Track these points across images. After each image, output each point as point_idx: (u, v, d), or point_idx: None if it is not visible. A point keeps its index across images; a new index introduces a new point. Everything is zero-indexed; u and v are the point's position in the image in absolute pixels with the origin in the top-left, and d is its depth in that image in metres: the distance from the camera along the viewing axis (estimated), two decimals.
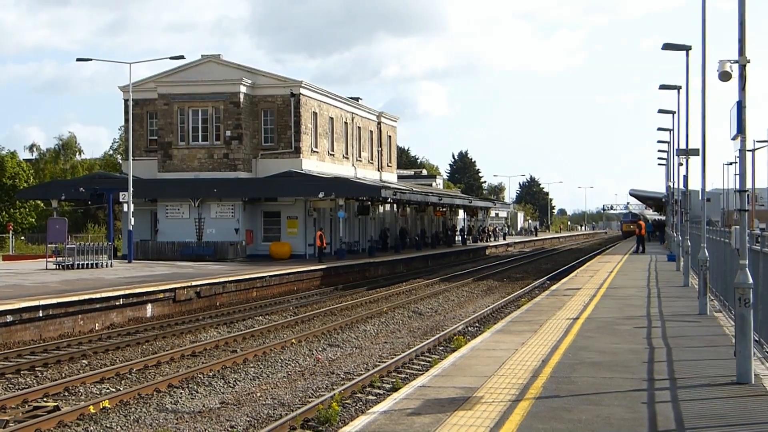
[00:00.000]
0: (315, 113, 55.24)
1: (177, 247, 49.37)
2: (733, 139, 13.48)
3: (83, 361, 21.29)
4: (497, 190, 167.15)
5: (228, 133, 51.17)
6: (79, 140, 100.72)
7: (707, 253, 22.69)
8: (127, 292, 28.85)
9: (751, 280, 13.05)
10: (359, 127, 64.30)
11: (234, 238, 49.78)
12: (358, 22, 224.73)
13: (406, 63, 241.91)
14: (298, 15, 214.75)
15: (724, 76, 13.55)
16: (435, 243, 74.92)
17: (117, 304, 28.10)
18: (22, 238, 74.25)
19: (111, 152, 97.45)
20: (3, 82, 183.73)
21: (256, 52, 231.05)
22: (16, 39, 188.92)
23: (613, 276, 35.02)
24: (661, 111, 45.37)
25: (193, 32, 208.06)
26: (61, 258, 39.53)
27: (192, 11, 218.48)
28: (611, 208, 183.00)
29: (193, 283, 32.78)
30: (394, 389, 15.94)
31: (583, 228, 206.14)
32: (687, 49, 30.18)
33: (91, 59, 46.49)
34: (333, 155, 58.65)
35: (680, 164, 40.21)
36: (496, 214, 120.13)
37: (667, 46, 29.70)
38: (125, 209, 44.95)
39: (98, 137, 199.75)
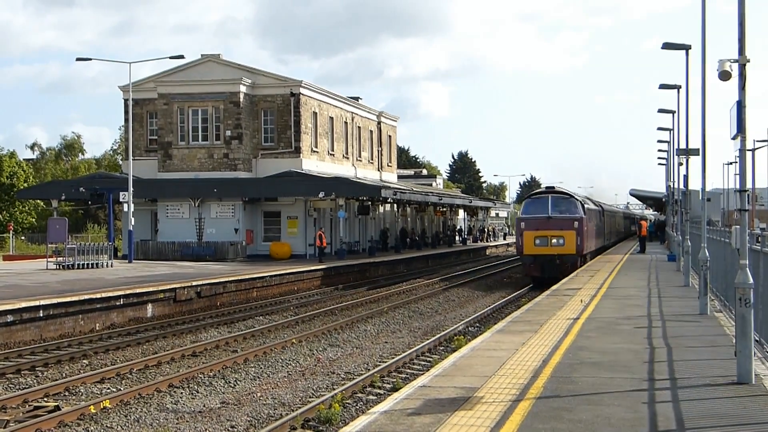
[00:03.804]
0: (315, 113, 55.24)
1: (177, 247, 49.38)
2: (733, 138, 13.48)
3: (84, 361, 21.30)
4: (498, 190, 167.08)
5: (228, 132, 51.18)
6: (82, 140, 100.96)
7: (707, 253, 22.68)
8: (128, 292, 28.85)
9: (751, 280, 13.04)
10: (359, 127, 64.29)
11: (234, 238, 49.78)
12: (362, 24, 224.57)
13: (409, 64, 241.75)
14: (302, 16, 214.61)
15: (724, 76, 13.53)
16: (435, 243, 74.92)
17: (117, 304, 28.10)
18: (23, 238, 74.29)
19: (111, 152, 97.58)
20: (8, 82, 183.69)
21: (261, 52, 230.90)
22: (22, 40, 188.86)
23: (613, 276, 35.00)
24: (661, 111, 45.35)
25: (198, 33, 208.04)
26: (61, 258, 39.54)
27: (197, 13, 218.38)
28: None
29: (194, 283, 32.77)
30: (395, 389, 15.94)
31: None
32: (687, 48, 30.16)
33: (91, 59, 46.58)
34: (333, 155, 58.66)
35: (680, 164, 40.18)
36: (497, 214, 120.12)
37: (667, 46, 29.69)
38: (125, 209, 44.96)
39: (100, 137, 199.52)
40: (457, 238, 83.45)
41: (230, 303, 34.55)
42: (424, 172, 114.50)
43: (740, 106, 13.00)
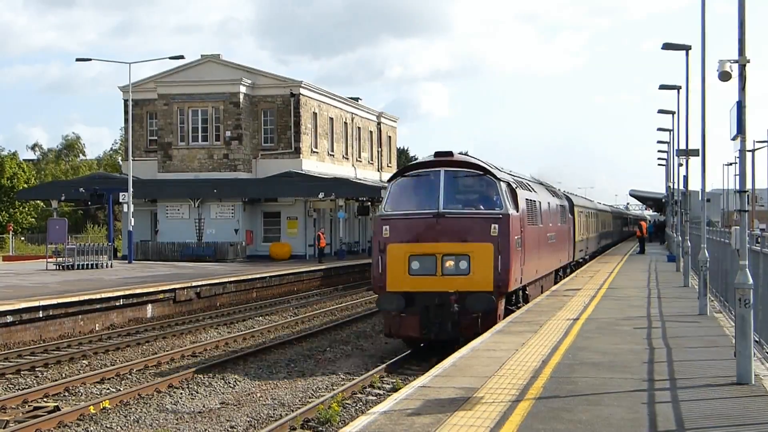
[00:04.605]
0: (315, 113, 55.25)
1: (177, 247, 49.40)
2: (733, 139, 13.46)
3: (83, 361, 21.30)
4: None
5: (228, 133, 51.19)
6: (83, 141, 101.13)
7: (707, 254, 22.67)
8: (128, 292, 28.84)
9: (751, 281, 13.03)
10: (359, 128, 64.31)
11: (234, 239, 49.78)
12: (362, 24, 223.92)
13: (409, 64, 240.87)
14: (303, 16, 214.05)
15: (724, 76, 13.52)
16: None
17: (117, 304, 28.10)
18: (22, 238, 74.31)
19: (111, 152, 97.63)
20: (9, 83, 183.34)
21: (261, 53, 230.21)
22: (23, 40, 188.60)
23: (613, 277, 34.97)
24: (661, 111, 45.32)
25: (199, 34, 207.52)
26: (61, 258, 39.55)
27: (198, 13, 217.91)
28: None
29: (194, 284, 32.77)
30: (395, 389, 15.93)
31: None
32: (687, 48, 30.13)
33: (91, 59, 46.67)
34: (333, 155, 58.66)
35: (680, 164, 40.14)
36: None
37: (667, 46, 29.66)
38: (125, 210, 45.00)
39: (101, 138, 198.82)
40: None
41: (230, 303, 34.55)
42: None
43: (740, 106, 12.99)
